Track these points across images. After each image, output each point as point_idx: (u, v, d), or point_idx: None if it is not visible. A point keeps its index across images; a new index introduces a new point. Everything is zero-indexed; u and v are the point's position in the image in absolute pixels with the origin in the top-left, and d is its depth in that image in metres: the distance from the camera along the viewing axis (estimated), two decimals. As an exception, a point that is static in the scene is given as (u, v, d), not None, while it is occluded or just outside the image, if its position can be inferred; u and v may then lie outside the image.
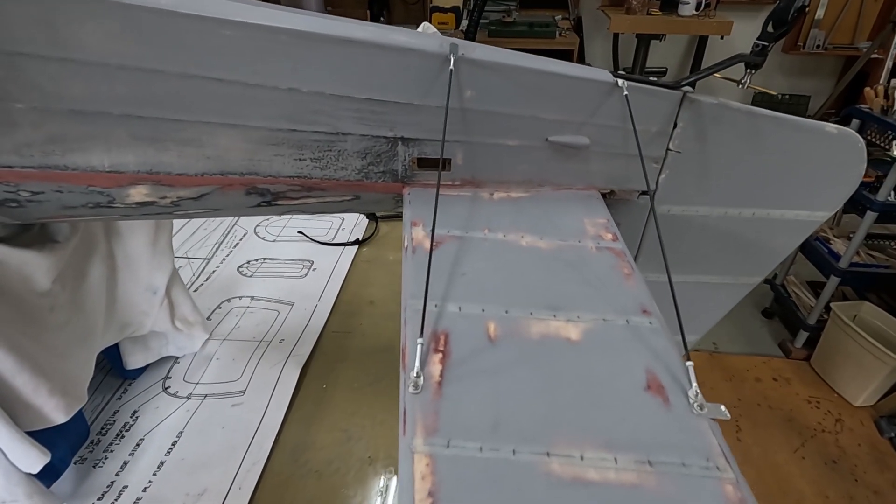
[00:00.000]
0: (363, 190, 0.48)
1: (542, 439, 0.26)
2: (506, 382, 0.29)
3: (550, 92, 0.44)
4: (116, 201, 0.47)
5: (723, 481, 0.25)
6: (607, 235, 0.41)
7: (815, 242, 2.33)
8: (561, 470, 0.25)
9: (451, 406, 0.27)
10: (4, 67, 0.40)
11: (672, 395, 0.29)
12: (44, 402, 0.56)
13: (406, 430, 0.26)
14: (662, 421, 0.28)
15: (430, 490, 0.24)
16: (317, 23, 0.41)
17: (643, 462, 0.26)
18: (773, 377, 2.30)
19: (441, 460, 0.25)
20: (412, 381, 0.28)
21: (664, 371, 0.30)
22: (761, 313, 2.68)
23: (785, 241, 0.54)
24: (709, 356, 2.41)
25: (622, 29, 3.28)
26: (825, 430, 2.05)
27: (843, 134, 0.48)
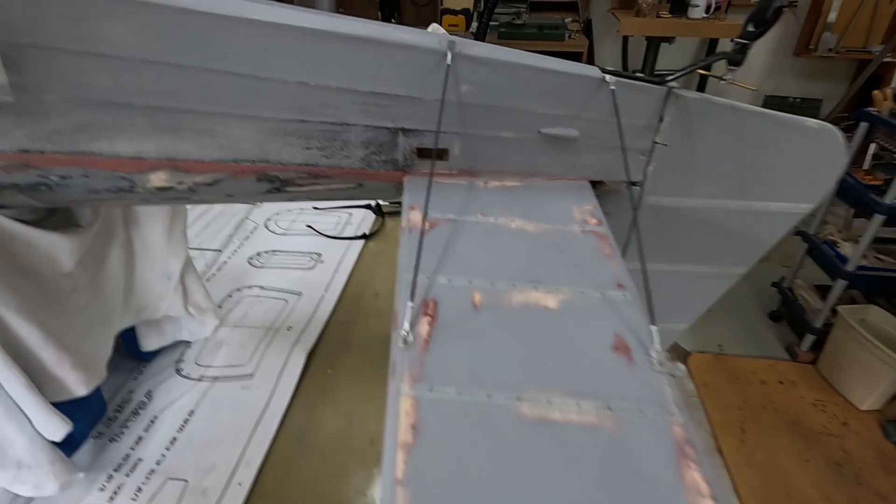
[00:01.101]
0: (366, 178, 0.51)
1: (514, 387, 0.29)
2: (486, 342, 0.32)
3: (543, 87, 0.47)
4: (138, 186, 0.51)
5: (673, 424, 0.28)
6: (592, 220, 0.44)
7: (823, 245, 2.32)
8: (529, 411, 0.28)
9: (436, 359, 0.30)
10: (40, 61, 0.43)
11: (636, 355, 0.32)
12: (67, 375, 0.59)
13: (395, 377, 0.29)
14: (625, 375, 0.30)
15: (413, 424, 0.27)
16: (324, 21, 0.44)
17: (604, 407, 0.28)
18: (779, 380, 2.29)
19: (424, 401, 0.28)
20: (401, 338, 0.31)
21: (631, 335, 0.33)
22: (768, 316, 2.67)
23: (770, 233, 0.56)
24: (714, 358, 2.41)
25: (632, 31, 3.29)
26: (830, 434, 2.04)
27: (822, 128, 0.50)
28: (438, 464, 0.25)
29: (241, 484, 0.66)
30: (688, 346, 2.50)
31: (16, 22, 0.42)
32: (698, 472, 0.25)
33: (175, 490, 0.66)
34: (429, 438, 0.26)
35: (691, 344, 2.51)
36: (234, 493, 0.65)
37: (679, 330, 0.65)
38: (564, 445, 0.26)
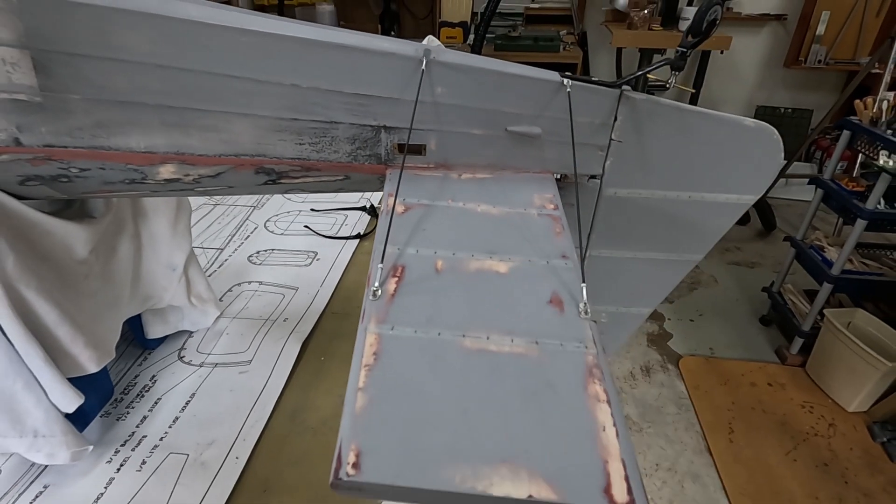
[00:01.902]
0: (352, 171, 0.57)
1: (460, 327, 0.35)
2: (442, 297, 0.37)
3: (508, 89, 0.53)
4: (148, 178, 0.57)
5: (587, 354, 0.33)
6: (550, 206, 0.50)
7: (810, 250, 2.37)
8: (471, 344, 0.33)
9: (399, 308, 0.36)
10: (65, 66, 0.50)
11: (567, 306, 0.37)
12: (80, 352, 0.65)
13: (363, 320, 0.35)
14: (555, 321, 0.36)
15: (375, 352, 0.32)
16: (315, 31, 0.50)
17: (532, 342, 0.34)
18: (769, 382, 2.33)
19: (385, 336, 0.33)
20: (371, 292, 0.37)
21: (566, 293, 0.38)
22: (759, 320, 2.72)
23: (720, 222, 0.62)
24: (705, 360, 2.46)
25: (624, 43, 3.38)
26: (818, 434, 2.08)
27: (759, 127, 0.56)
28: (392, 378, 0.31)
29: (238, 458, 0.71)
30: (680, 350, 2.54)
31: (46, 32, 0.48)
32: (600, 386, 0.31)
33: (177, 463, 0.71)
34: (387, 361, 0.32)
35: (683, 347, 2.56)
36: (231, 466, 0.70)
37: (644, 314, 0.70)
38: (495, 366, 0.32)
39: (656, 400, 2.28)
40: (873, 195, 1.98)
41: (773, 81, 4.16)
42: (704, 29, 0.49)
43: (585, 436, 0.27)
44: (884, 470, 1.94)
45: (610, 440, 0.27)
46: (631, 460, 0.26)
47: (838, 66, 3.81)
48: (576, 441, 0.27)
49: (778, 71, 4.09)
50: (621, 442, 0.27)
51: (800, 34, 3.85)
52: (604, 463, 0.26)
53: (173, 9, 0.48)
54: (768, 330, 2.66)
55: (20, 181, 0.57)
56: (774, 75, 4.13)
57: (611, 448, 0.27)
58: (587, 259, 0.64)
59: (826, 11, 3.69)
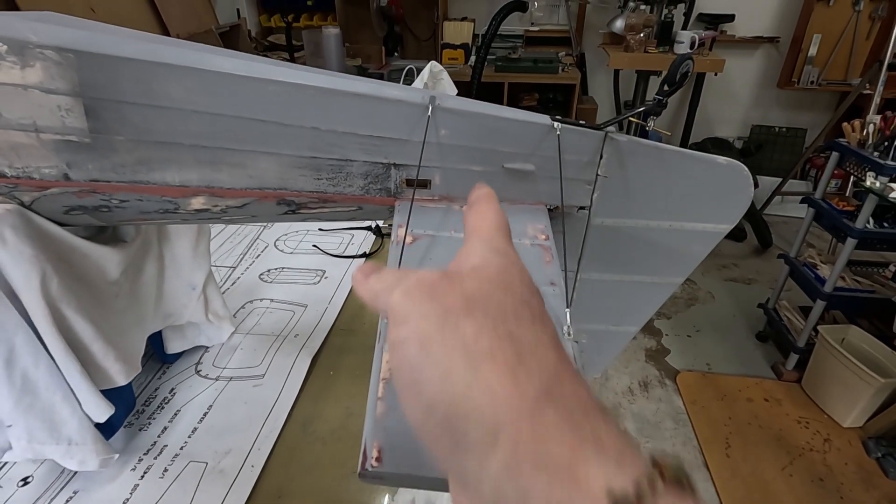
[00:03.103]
0: (365, 202, 0.63)
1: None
2: None
3: (504, 131, 0.60)
4: (181, 209, 0.63)
5: None
6: (541, 236, 0.56)
7: (804, 268, 2.43)
8: None
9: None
10: (112, 111, 0.56)
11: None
12: (111, 366, 0.70)
13: (380, 341, 0.40)
14: None
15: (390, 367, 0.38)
16: (333, 80, 0.57)
17: None
18: (765, 398, 2.37)
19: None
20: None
21: (552, 317, 0.44)
22: (755, 336, 2.76)
23: (698, 248, 0.68)
24: (702, 376, 2.50)
25: (621, 65, 3.48)
26: (813, 450, 2.11)
27: (731, 164, 0.62)
28: None
29: (253, 466, 0.76)
30: (677, 365, 2.59)
31: (98, 83, 0.54)
32: None
33: (197, 470, 0.76)
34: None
35: (681, 363, 2.60)
36: (247, 474, 0.75)
37: (632, 332, 0.75)
38: None
39: (654, 415, 2.31)
40: (862, 215, 2.05)
41: (768, 101, 4.26)
42: (678, 80, 0.55)
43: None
44: (879, 485, 1.97)
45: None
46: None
47: (830, 86, 3.91)
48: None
49: (772, 91, 4.19)
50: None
51: (792, 56, 3.96)
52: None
53: (208, 62, 0.55)
54: (764, 346, 2.71)
55: (65, 211, 0.63)
56: (768, 95, 4.23)
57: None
58: (577, 282, 0.70)
59: (817, 34, 3.80)
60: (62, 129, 0.56)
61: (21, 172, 0.59)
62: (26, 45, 0.53)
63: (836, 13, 3.74)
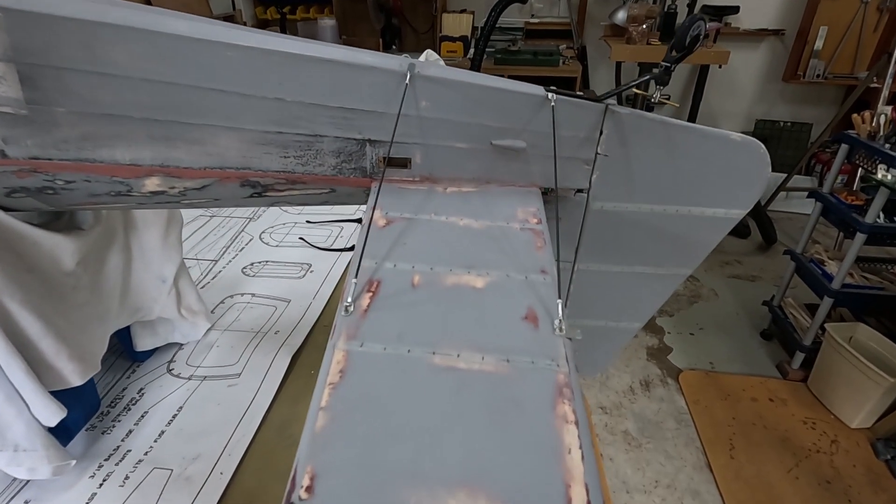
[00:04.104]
0: (338, 184, 0.57)
1: (431, 344, 0.34)
2: (416, 312, 0.37)
3: (493, 103, 0.53)
4: (134, 190, 0.57)
5: (557, 373, 0.33)
6: (533, 220, 0.49)
7: (810, 264, 2.36)
8: (440, 361, 0.33)
9: (370, 324, 0.35)
10: (53, 79, 0.50)
11: (542, 323, 0.37)
12: (63, 366, 0.64)
13: (333, 336, 0.34)
14: (528, 337, 0.35)
15: (341, 369, 0.32)
16: (299, 45, 0.50)
17: (503, 360, 0.33)
18: (770, 398, 2.31)
19: (353, 353, 0.33)
20: (344, 308, 0.36)
21: (542, 309, 0.38)
22: (760, 335, 2.70)
23: (708, 237, 0.61)
24: (705, 375, 2.43)
25: (623, 58, 3.40)
26: (820, 451, 2.05)
27: (745, 141, 0.55)
28: (355, 397, 0.30)
29: (222, 473, 0.70)
30: (680, 364, 2.52)
31: (33, 46, 0.48)
32: (569, 406, 0.30)
33: (161, 478, 0.70)
34: (352, 379, 0.31)
35: (683, 361, 2.53)
36: (216, 481, 0.69)
37: (634, 328, 0.69)
38: (463, 384, 0.31)
39: (656, 415, 2.25)
40: (872, 209, 1.98)
41: (772, 95, 4.18)
42: (688, 44, 0.49)
43: (549, 457, 0.27)
44: (887, 488, 1.90)
45: (575, 463, 0.26)
46: (595, 485, 0.25)
47: (837, 80, 3.84)
48: (539, 463, 0.27)
49: (776, 85, 4.12)
50: (586, 465, 0.26)
51: (798, 49, 3.88)
52: (566, 487, 0.25)
53: (159, 23, 0.49)
54: (769, 344, 2.64)
55: (6, 193, 0.57)
56: (773, 89, 4.16)
57: (575, 472, 0.26)
58: (574, 273, 0.63)
59: (824, 27, 3.72)
60: (-5, 100, 0.50)
61: (-48, 149, 0.53)
62: (-52, 2, 0.47)
63: (843, 5, 3.66)
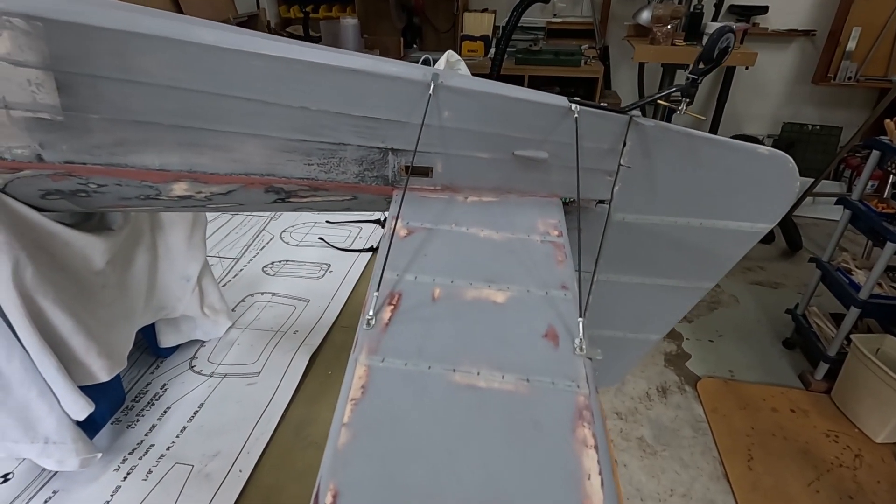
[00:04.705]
0: (360, 191, 0.58)
1: (451, 360, 0.34)
2: (436, 327, 0.37)
3: (515, 114, 0.53)
4: (162, 194, 0.58)
5: (578, 394, 0.33)
6: (553, 232, 0.49)
7: (837, 273, 2.30)
8: (460, 379, 0.33)
9: (391, 338, 0.36)
10: (87, 87, 0.52)
11: (562, 341, 0.37)
12: (92, 362, 0.66)
13: (355, 350, 0.35)
14: (548, 356, 0.35)
15: (363, 385, 0.32)
16: (324, 55, 0.51)
17: (522, 379, 0.33)
18: (791, 408, 2.26)
19: (375, 369, 0.33)
20: (366, 321, 0.37)
21: (562, 326, 0.38)
22: (782, 343, 2.64)
23: (732, 250, 0.60)
24: (724, 383, 2.39)
25: (646, 59, 3.35)
26: (843, 465, 2.00)
27: (773, 155, 0.54)
28: (377, 414, 0.31)
29: (241, 471, 0.72)
30: (698, 371, 2.48)
31: (71, 55, 0.50)
32: (589, 430, 0.30)
33: (182, 473, 0.72)
34: (374, 395, 0.32)
35: (701, 369, 2.49)
36: (234, 479, 0.71)
37: (652, 340, 0.69)
38: (482, 403, 0.31)
39: (672, 422, 2.22)
40: (904, 218, 1.92)
41: (801, 98, 4.07)
42: (716, 56, 0.48)
43: (568, 483, 0.27)
44: (914, 506, 1.85)
45: (594, 490, 0.26)
46: (614, 512, 0.25)
47: (869, 83, 3.72)
48: (557, 488, 0.27)
49: (805, 87, 4.01)
50: (606, 492, 0.26)
51: (829, 50, 3.77)
52: (586, 513, 0.26)
53: (187, 33, 0.50)
54: (791, 353, 2.58)
55: (41, 195, 0.59)
56: (802, 91, 4.05)
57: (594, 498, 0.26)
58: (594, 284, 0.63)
59: (857, 27, 3.61)
60: (33, 106, 0.52)
61: (-8, 153, 0.55)
62: (-8, 13, 0.48)
63: (878, 4, 3.54)
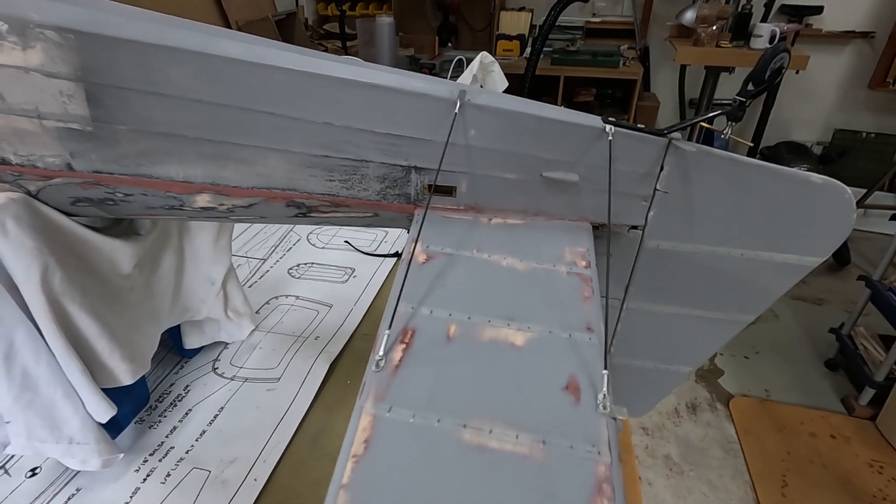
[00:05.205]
0: (381, 209, 0.56)
1: (462, 414, 0.32)
2: (449, 372, 0.35)
3: (545, 134, 0.51)
4: (186, 205, 0.58)
5: (598, 463, 0.30)
6: (581, 262, 0.46)
7: (888, 293, 2.16)
8: (470, 438, 0.31)
9: (401, 383, 0.34)
10: (115, 98, 0.52)
11: (584, 395, 0.34)
12: (116, 365, 0.67)
13: (362, 395, 0.33)
14: (568, 414, 0.33)
15: (366, 438, 0.31)
16: (349, 70, 0.50)
17: (539, 441, 0.31)
18: (831, 434, 2.14)
19: (380, 420, 0.32)
20: (375, 362, 0.35)
21: (585, 377, 0.35)
22: (824, 364, 2.50)
23: (776, 283, 0.56)
24: (759, 403, 2.28)
25: (688, 61, 3.23)
26: (886, 499, 1.88)
27: (828, 185, 0.50)
28: (380, 475, 0.29)
29: (256, 480, 0.72)
30: (731, 389, 2.38)
31: (100, 66, 0.50)
32: None
33: (199, 478, 0.72)
34: (377, 452, 0.30)
35: (735, 386, 2.39)
36: (249, 487, 0.71)
37: (684, 372, 0.65)
38: (493, 468, 0.29)
39: (701, 441, 2.14)
40: (968, 238, 1.78)
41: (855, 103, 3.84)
42: (768, 77, 0.44)
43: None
44: (965, 548, 1.72)
45: (612, 581, 0.24)
46: None
47: (933, 89, 3.47)
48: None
49: (861, 92, 3.78)
50: (625, 585, 0.24)
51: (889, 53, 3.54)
52: None
53: (212, 46, 0.49)
54: (834, 375, 2.44)
55: (71, 202, 0.60)
56: (856, 97, 3.82)
57: (611, 592, 0.24)
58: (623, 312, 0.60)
59: (921, 30, 3.37)
60: (64, 116, 0.53)
61: (25, 160, 0.56)
62: (27, 24, 0.49)
63: (947, 5, 3.30)
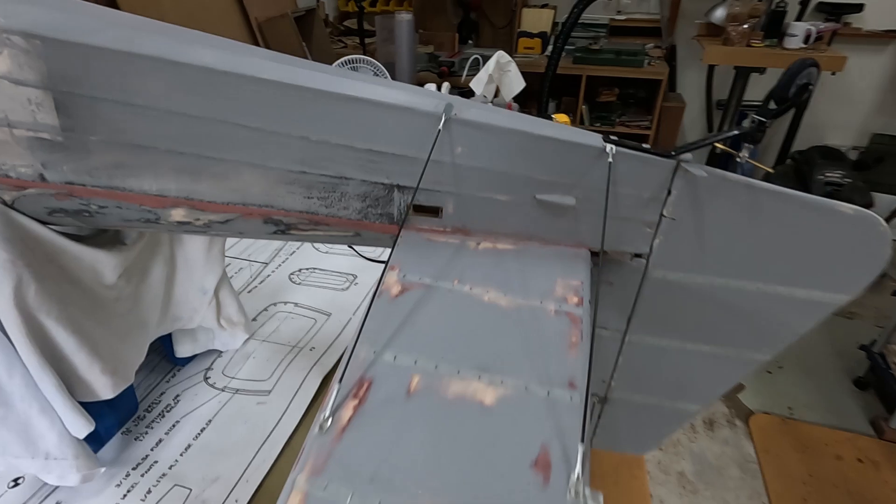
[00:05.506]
0: (363, 228, 0.52)
1: (410, 493, 0.28)
2: (404, 437, 0.31)
3: (540, 154, 0.46)
4: (161, 219, 0.56)
5: None
6: (573, 299, 0.42)
7: (926, 310, 2.04)
8: None
9: (343, 452, 0.30)
10: (85, 108, 0.49)
11: (555, 475, 0.29)
12: (95, 379, 0.65)
13: (298, 465, 0.29)
14: (533, 498, 0.28)
15: None
16: (326, 81, 0.46)
17: None
18: (858, 457, 2.03)
19: (312, 499, 0.28)
20: (320, 423, 0.32)
21: (559, 450, 0.31)
22: (853, 382, 2.38)
23: (797, 322, 0.50)
24: (781, 421, 2.19)
25: (716, 61, 3.11)
26: (916, 530, 1.77)
27: (860, 216, 0.44)
28: None
29: (237, 501, 0.69)
30: (751, 405, 2.29)
31: (68, 74, 0.47)
32: None
33: (179, 496, 0.70)
34: None
35: (756, 402, 2.30)
36: (230, 509, 0.68)
37: (692, 411, 0.59)
38: None
39: (718, 458, 2.06)
40: None
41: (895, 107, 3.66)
42: (793, 95, 0.39)
43: None
44: None
45: None
46: None
47: (982, 93, 3.27)
48: None
49: (902, 95, 3.59)
50: None
51: (934, 55, 3.35)
52: None
53: (184, 54, 0.46)
54: (863, 395, 2.33)
55: (48, 212, 0.58)
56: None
57: None
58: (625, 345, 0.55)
59: (971, 29, 3.18)
60: (34, 126, 0.50)
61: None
62: (-6, 30, 0.47)
63: None
